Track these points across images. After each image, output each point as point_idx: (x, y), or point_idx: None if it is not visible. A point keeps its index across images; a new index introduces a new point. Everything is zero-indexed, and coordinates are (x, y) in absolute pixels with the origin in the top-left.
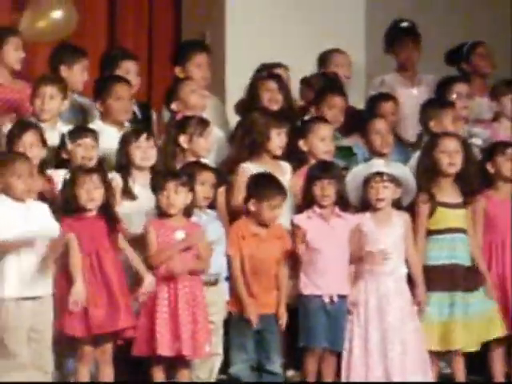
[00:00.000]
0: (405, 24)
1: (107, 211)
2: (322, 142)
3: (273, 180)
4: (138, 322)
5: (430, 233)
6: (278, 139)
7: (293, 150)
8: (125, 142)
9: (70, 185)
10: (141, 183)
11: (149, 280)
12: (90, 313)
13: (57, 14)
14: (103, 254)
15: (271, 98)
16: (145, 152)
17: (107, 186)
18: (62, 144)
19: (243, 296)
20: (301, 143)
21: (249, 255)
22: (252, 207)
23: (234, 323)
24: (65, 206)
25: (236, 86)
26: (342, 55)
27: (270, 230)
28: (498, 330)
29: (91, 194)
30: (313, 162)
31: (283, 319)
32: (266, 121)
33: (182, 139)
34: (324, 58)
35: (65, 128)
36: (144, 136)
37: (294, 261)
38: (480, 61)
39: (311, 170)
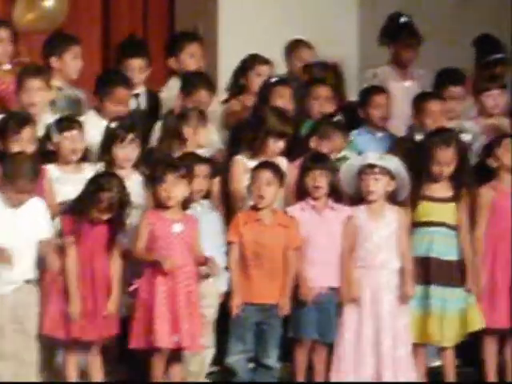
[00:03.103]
0: (403, 19)
1: (118, 216)
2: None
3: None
4: (134, 314)
5: (414, 225)
6: (275, 146)
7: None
8: (109, 140)
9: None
10: (123, 175)
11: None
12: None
13: (48, 4)
14: (97, 259)
15: (285, 105)
16: (128, 154)
17: (122, 190)
18: (48, 135)
19: (233, 283)
20: None
21: (251, 240)
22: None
23: (235, 314)
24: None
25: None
26: (309, 50)
27: (274, 217)
28: (475, 324)
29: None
30: None
31: (283, 310)
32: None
33: (186, 131)
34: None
35: (50, 119)
36: (129, 138)
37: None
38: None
39: (304, 162)
